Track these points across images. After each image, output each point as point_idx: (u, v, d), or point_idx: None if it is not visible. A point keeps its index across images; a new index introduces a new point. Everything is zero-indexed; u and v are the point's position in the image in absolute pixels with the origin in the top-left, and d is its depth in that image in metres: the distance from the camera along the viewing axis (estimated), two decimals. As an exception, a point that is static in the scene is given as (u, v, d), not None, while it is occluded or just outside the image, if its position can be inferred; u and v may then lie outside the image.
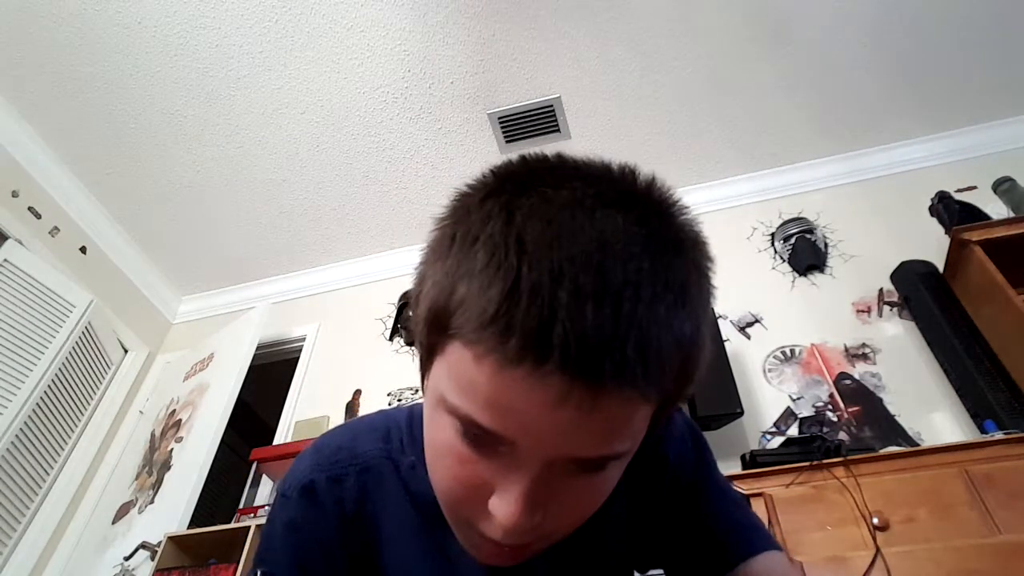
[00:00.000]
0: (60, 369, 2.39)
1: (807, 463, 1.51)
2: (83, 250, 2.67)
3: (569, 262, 0.32)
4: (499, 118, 2.44)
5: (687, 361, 0.36)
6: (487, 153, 2.54)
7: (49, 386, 2.34)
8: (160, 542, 1.88)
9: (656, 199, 0.38)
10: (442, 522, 0.45)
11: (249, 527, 1.84)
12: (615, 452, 0.37)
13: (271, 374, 2.83)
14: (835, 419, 1.94)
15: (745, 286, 2.36)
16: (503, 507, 0.37)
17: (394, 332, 2.68)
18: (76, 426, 2.49)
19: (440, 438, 0.40)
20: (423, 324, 0.40)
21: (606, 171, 0.39)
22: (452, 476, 0.40)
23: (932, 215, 2.25)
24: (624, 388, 0.33)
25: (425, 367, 0.41)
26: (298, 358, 2.78)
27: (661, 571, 0.60)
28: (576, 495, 0.39)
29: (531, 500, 0.37)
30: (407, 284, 0.42)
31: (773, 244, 2.47)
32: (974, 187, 2.27)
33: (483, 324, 0.33)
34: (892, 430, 1.87)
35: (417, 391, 2.43)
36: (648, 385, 0.34)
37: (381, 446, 0.55)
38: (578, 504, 0.40)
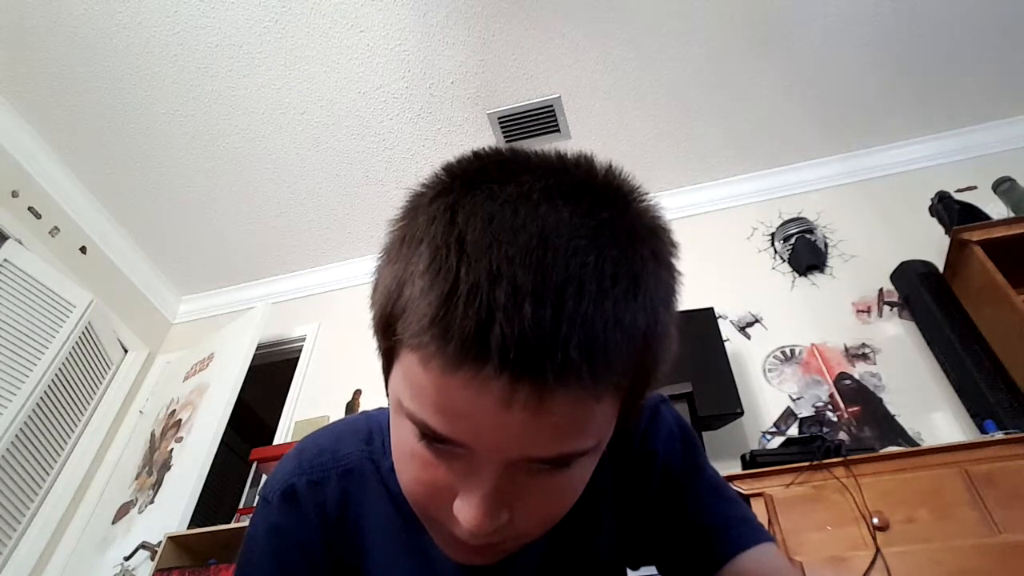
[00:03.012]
0: (60, 369, 2.39)
1: (807, 463, 1.51)
2: (83, 250, 2.67)
3: (508, 261, 0.31)
4: (499, 118, 2.44)
5: (643, 354, 0.35)
6: (487, 153, 2.54)
7: (49, 386, 2.34)
8: (160, 542, 1.88)
9: (611, 188, 0.37)
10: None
11: (249, 527, 1.84)
12: (576, 450, 0.36)
13: (271, 374, 2.83)
14: (835, 419, 1.94)
15: (745, 286, 2.36)
16: (466, 510, 0.37)
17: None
18: (76, 426, 2.49)
19: (403, 442, 0.40)
20: (375, 329, 0.40)
21: (558, 163, 0.38)
22: (416, 480, 0.40)
23: (932, 215, 2.25)
24: (571, 388, 0.32)
25: (386, 371, 0.41)
26: (298, 358, 2.78)
27: (653, 568, 0.60)
28: (544, 494, 0.39)
29: (494, 502, 0.36)
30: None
31: (773, 244, 2.47)
32: (974, 187, 2.27)
33: (424, 329, 0.33)
34: (892, 430, 1.87)
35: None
36: (597, 384, 0.33)
37: (363, 448, 0.55)
38: (547, 502, 0.40)
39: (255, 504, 0.58)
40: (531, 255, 0.31)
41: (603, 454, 0.41)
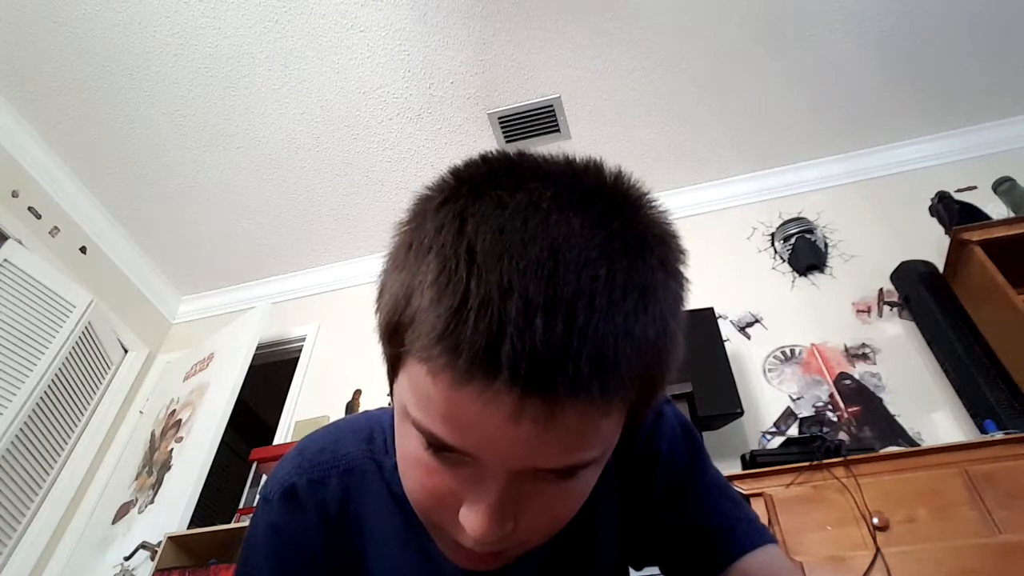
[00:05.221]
0: (60, 369, 2.39)
1: (807, 463, 1.51)
2: (83, 250, 2.67)
3: (520, 274, 0.31)
4: (499, 118, 2.44)
5: (652, 367, 0.35)
6: (487, 153, 2.55)
7: (49, 386, 2.34)
8: (160, 542, 1.88)
9: (620, 195, 0.37)
10: None
11: (249, 527, 1.84)
12: (582, 460, 0.36)
13: (271, 374, 2.83)
14: (835, 419, 1.94)
15: (745, 286, 2.36)
16: (472, 519, 0.37)
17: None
18: (76, 426, 2.49)
19: (408, 449, 0.40)
20: (381, 336, 0.40)
21: (568, 169, 0.37)
22: (421, 487, 0.40)
23: (932, 215, 2.25)
24: (580, 402, 0.32)
25: (391, 377, 0.41)
26: (298, 358, 2.78)
27: (657, 568, 0.60)
28: (549, 502, 0.39)
29: (500, 511, 0.36)
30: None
31: (773, 244, 2.47)
32: (974, 187, 2.27)
33: (433, 342, 0.32)
34: (892, 430, 1.87)
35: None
36: (606, 397, 0.33)
37: (364, 447, 0.55)
38: (552, 511, 0.40)
39: (255, 504, 0.58)
40: (542, 268, 0.31)
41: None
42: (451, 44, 2.21)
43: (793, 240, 2.39)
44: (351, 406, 2.51)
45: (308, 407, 2.55)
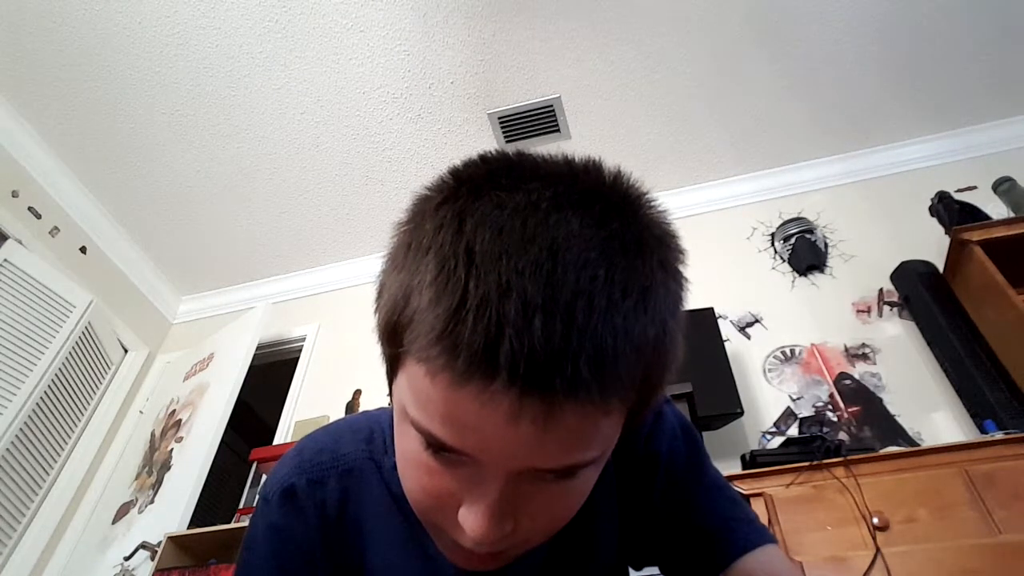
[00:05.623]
0: (60, 369, 2.39)
1: (807, 463, 1.51)
2: (83, 250, 2.67)
3: (518, 274, 0.31)
4: (499, 118, 2.44)
5: (651, 367, 0.35)
6: (487, 153, 2.55)
7: (49, 386, 2.34)
8: (160, 542, 1.88)
9: (620, 196, 0.37)
10: None
11: (249, 527, 1.84)
12: (581, 461, 0.36)
13: (271, 374, 2.83)
14: (835, 419, 1.94)
15: (745, 286, 2.36)
16: (471, 519, 0.37)
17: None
18: (76, 426, 2.49)
19: (407, 449, 0.40)
20: (380, 336, 0.40)
21: (567, 169, 0.37)
22: (420, 487, 0.40)
23: (932, 215, 2.25)
24: (580, 402, 0.32)
25: (390, 377, 0.41)
26: (298, 358, 2.78)
27: (656, 568, 0.60)
28: (548, 502, 0.39)
29: (499, 512, 0.36)
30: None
31: (773, 244, 2.47)
32: (974, 187, 2.27)
33: (431, 343, 0.32)
34: (892, 430, 1.87)
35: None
36: (605, 398, 0.33)
37: (363, 447, 0.55)
38: (552, 511, 0.40)
39: (255, 504, 0.58)
40: (541, 268, 0.31)
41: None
42: (451, 44, 2.21)
43: (793, 240, 2.39)
44: (351, 406, 2.51)
45: (308, 407, 2.55)
